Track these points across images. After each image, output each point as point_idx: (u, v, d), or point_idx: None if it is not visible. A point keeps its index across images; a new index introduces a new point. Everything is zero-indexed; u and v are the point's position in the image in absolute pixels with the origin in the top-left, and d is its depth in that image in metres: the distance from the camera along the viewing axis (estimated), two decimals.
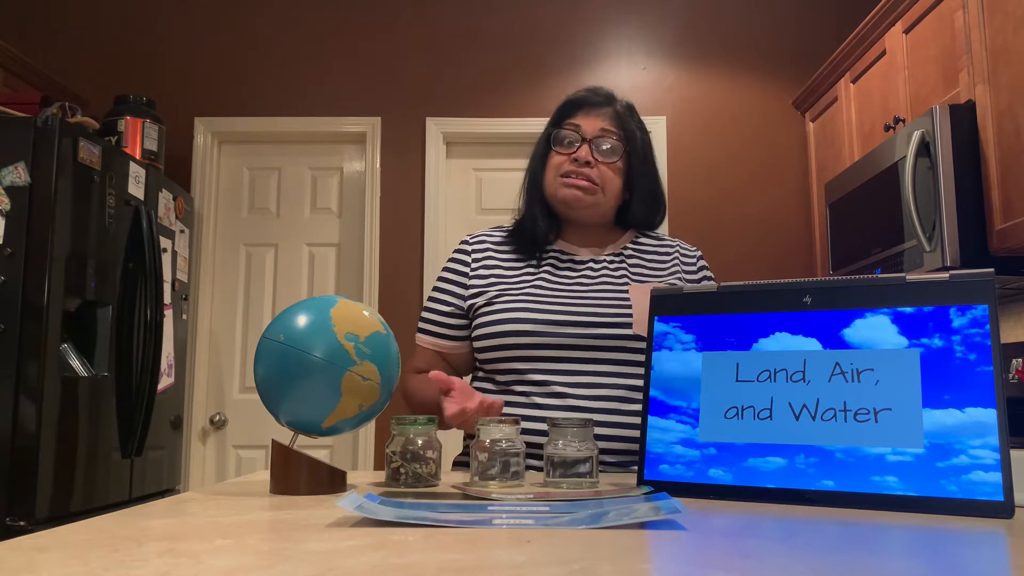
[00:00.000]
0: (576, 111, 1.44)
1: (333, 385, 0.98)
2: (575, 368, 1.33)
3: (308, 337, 0.98)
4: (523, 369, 1.34)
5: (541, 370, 1.33)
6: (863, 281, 0.94)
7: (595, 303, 1.36)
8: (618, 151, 1.41)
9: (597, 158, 1.40)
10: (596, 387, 1.32)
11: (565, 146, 1.42)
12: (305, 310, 1.02)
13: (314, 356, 0.97)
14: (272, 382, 0.99)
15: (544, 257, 1.44)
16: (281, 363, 0.98)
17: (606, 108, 1.44)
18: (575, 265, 1.43)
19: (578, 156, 1.40)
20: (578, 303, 1.36)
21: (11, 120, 2.40)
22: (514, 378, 1.35)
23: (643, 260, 1.46)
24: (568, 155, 1.41)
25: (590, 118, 1.43)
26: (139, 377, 2.71)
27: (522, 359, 1.34)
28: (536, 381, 1.33)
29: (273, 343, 1.00)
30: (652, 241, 1.51)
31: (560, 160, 1.42)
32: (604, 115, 1.43)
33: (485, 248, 1.48)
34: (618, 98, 1.47)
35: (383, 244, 3.49)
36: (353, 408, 1.00)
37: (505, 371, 1.36)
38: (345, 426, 1.02)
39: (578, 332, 1.33)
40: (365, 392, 1.00)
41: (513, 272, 1.43)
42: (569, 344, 1.33)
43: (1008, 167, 2.07)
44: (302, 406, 0.99)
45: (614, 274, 1.42)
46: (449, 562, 0.58)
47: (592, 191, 1.40)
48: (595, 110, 1.44)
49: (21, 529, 2.17)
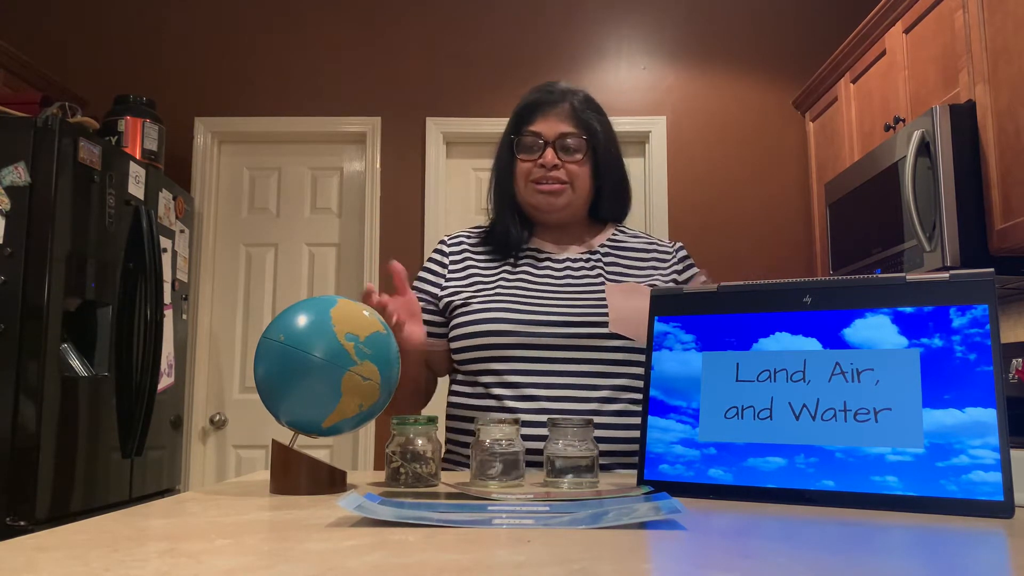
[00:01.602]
0: (533, 115, 1.44)
1: (333, 385, 0.98)
2: (552, 368, 1.32)
3: (308, 337, 0.98)
4: (500, 370, 1.33)
5: (518, 371, 1.32)
6: (863, 281, 0.94)
7: (572, 302, 1.35)
8: (582, 148, 1.42)
9: (563, 158, 1.41)
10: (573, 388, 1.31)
11: (529, 152, 1.43)
12: (305, 310, 1.02)
13: (314, 356, 0.97)
14: (272, 382, 0.99)
15: (521, 256, 1.45)
16: (281, 363, 0.98)
17: (563, 105, 1.44)
18: (553, 264, 1.44)
19: (544, 161, 1.40)
20: (555, 303, 1.35)
21: (11, 120, 2.40)
22: (493, 380, 1.34)
23: (619, 259, 1.46)
24: (534, 161, 1.42)
25: (548, 121, 1.43)
26: (139, 377, 2.70)
27: (498, 359, 1.34)
28: (511, 383, 1.32)
29: (273, 343, 1.00)
30: (630, 239, 1.51)
31: (527, 167, 1.43)
32: (562, 114, 1.43)
33: (462, 248, 1.48)
34: (573, 90, 1.47)
35: (383, 244, 3.49)
36: (353, 408, 1.00)
37: (482, 371, 1.36)
38: (345, 426, 1.02)
39: (555, 332, 1.32)
40: (365, 392, 1.00)
41: (490, 272, 1.43)
42: (546, 344, 1.32)
43: (1008, 167, 2.07)
44: (302, 406, 0.99)
45: (591, 273, 1.42)
46: (449, 562, 0.58)
47: (562, 192, 1.41)
48: (552, 110, 1.43)
49: (21, 529, 2.17)
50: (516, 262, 1.44)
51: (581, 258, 1.44)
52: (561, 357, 1.32)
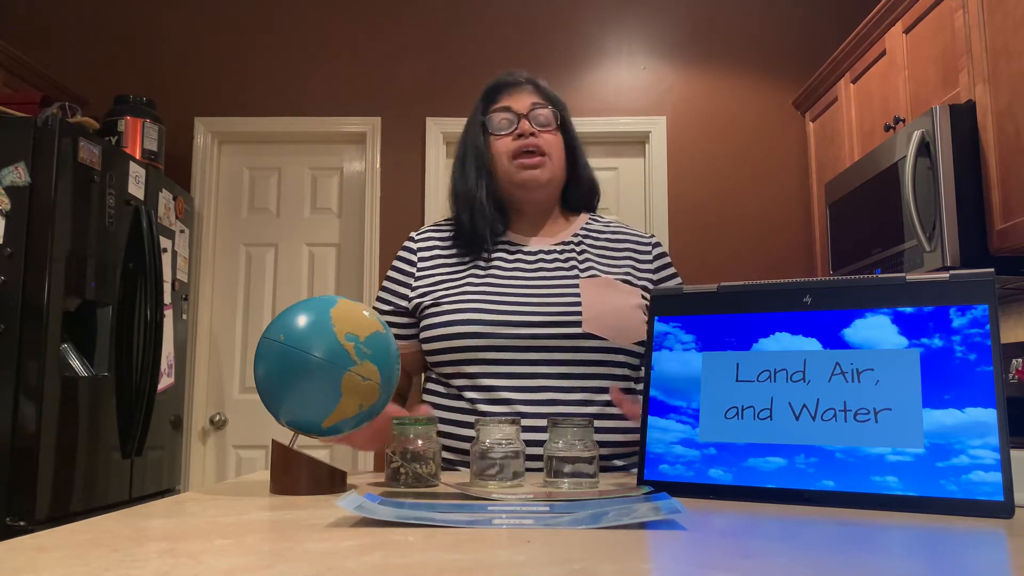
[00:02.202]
0: (499, 95, 1.46)
1: (333, 385, 0.98)
2: (525, 371, 1.28)
3: (308, 337, 0.98)
4: (472, 373, 1.30)
5: (489, 373, 1.29)
6: (863, 281, 0.94)
7: (544, 300, 1.31)
8: (553, 120, 1.43)
9: (537, 128, 1.41)
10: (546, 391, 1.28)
11: (504, 127, 1.42)
12: (305, 310, 1.02)
13: (314, 356, 0.97)
14: (272, 382, 0.99)
15: (493, 249, 1.41)
16: (281, 363, 0.98)
17: (526, 85, 1.46)
18: (525, 257, 1.40)
19: (522, 131, 1.40)
20: (526, 301, 1.31)
21: (11, 120, 2.40)
22: (465, 383, 1.31)
23: (593, 252, 1.42)
24: (511, 134, 1.41)
25: (515, 96, 1.44)
26: (139, 377, 2.71)
27: (469, 362, 1.30)
28: (484, 387, 1.29)
29: (273, 343, 1.00)
30: (603, 229, 1.48)
31: (505, 143, 1.42)
32: (526, 91, 1.45)
33: (431, 245, 1.45)
34: (533, 76, 1.50)
35: (383, 244, 3.48)
36: (353, 408, 1.00)
37: (453, 375, 1.33)
38: (345, 426, 1.01)
39: (526, 332, 1.28)
40: (365, 392, 1.00)
41: (460, 268, 1.39)
42: (517, 346, 1.28)
43: (1008, 167, 2.07)
44: (302, 406, 0.99)
45: (564, 265, 1.38)
46: (449, 562, 0.58)
47: (544, 164, 1.40)
48: (517, 89, 1.45)
49: (21, 529, 2.17)
50: (489, 256, 1.40)
51: (555, 249, 1.41)
52: (533, 359, 1.28)
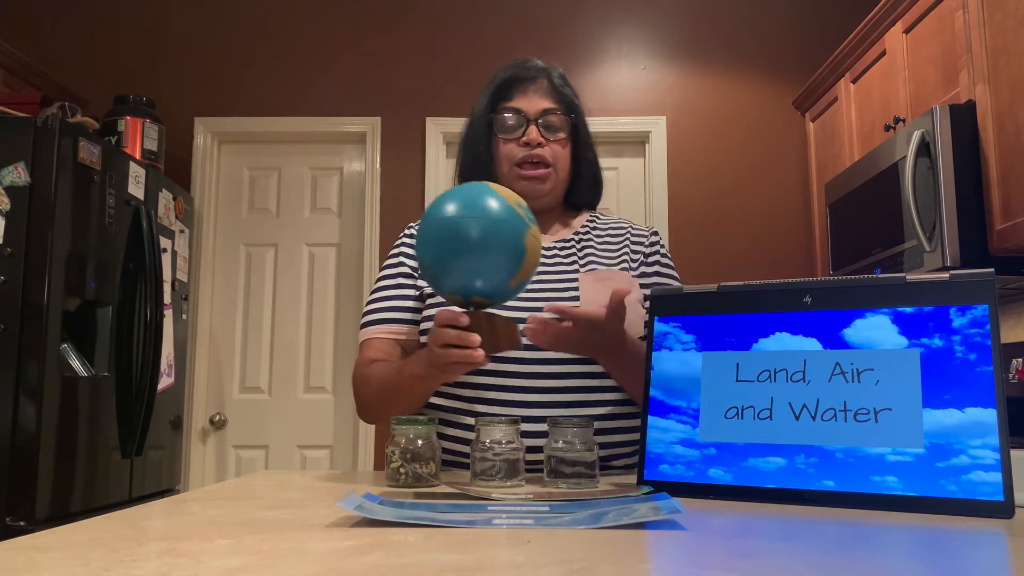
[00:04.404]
0: (512, 91, 1.39)
1: (518, 243, 1.01)
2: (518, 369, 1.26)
3: (485, 205, 1.01)
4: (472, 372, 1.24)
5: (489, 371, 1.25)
6: (863, 281, 0.94)
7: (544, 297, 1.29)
8: (564, 126, 1.38)
9: (547, 137, 1.36)
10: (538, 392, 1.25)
11: (511, 132, 1.37)
12: (465, 190, 1.05)
13: (499, 218, 1.00)
14: (454, 253, 1.01)
15: None
16: (461, 234, 1.00)
17: (541, 81, 1.39)
18: None
19: (529, 139, 1.35)
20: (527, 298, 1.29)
21: (11, 120, 2.40)
22: (464, 382, 1.28)
23: (594, 246, 1.40)
24: (517, 140, 1.36)
25: (528, 97, 1.38)
26: (139, 377, 2.71)
27: None
28: (475, 384, 1.26)
29: (446, 219, 1.01)
30: (604, 223, 1.46)
31: (510, 148, 1.37)
32: (541, 90, 1.39)
33: None
34: (550, 67, 1.43)
35: (383, 244, 3.48)
36: (533, 266, 1.04)
37: None
38: (522, 287, 1.06)
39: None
40: (536, 255, 1.05)
41: None
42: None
43: (1008, 167, 2.07)
44: (491, 269, 1.01)
45: (565, 261, 1.36)
46: (449, 562, 0.58)
47: (547, 177, 1.36)
48: (531, 86, 1.39)
49: (21, 529, 2.17)
50: None
51: (555, 247, 1.38)
52: (533, 357, 1.25)
